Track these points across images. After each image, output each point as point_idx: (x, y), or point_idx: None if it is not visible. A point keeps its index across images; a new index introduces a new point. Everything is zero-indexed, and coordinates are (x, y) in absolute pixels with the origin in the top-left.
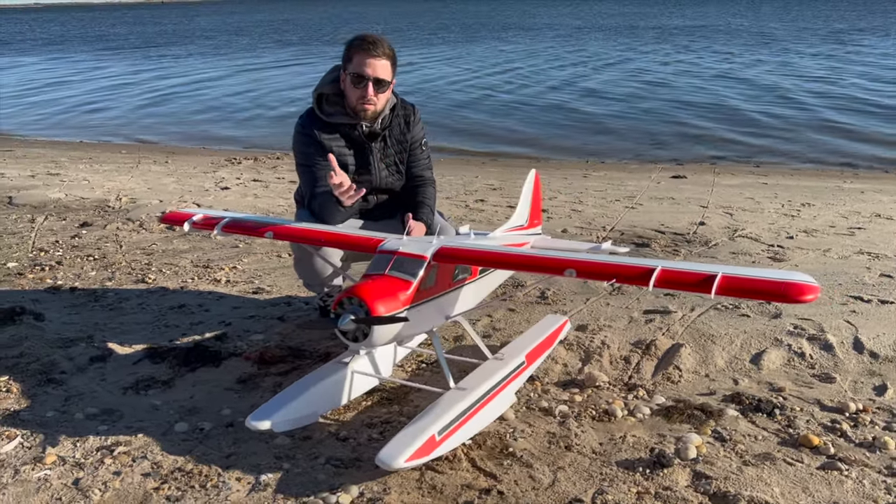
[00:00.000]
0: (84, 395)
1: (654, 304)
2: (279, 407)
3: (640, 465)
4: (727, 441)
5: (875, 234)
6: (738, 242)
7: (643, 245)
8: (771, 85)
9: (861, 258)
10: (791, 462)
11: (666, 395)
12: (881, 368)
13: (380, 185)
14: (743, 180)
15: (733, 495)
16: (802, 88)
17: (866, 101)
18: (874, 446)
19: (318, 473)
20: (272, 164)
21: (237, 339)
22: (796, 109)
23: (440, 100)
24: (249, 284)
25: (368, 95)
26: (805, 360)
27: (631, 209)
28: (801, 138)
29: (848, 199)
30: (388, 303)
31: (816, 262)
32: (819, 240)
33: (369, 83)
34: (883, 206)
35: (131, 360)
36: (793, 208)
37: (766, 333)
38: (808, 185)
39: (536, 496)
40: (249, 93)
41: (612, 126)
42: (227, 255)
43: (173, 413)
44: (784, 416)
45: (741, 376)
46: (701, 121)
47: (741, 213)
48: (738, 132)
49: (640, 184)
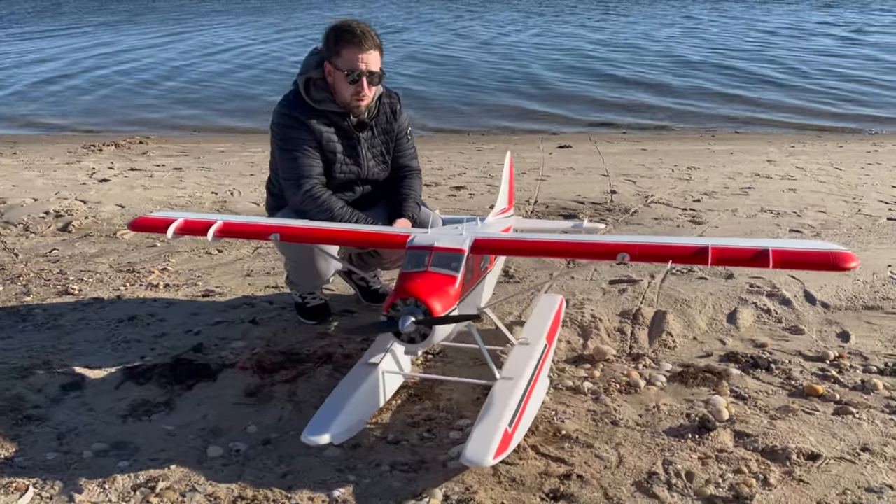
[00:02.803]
0: (79, 430)
1: (616, 275)
2: (331, 418)
3: (687, 431)
4: (747, 399)
5: (765, 192)
6: (654, 209)
7: (571, 216)
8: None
9: (766, 216)
10: (809, 412)
11: (671, 361)
12: (836, 317)
13: (368, 177)
14: (621, 147)
15: (781, 449)
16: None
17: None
18: (867, 388)
19: (390, 481)
20: (140, 150)
21: (218, 350)
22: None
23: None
24: (194, 287)
25: (364, 91)
26: (772, 316)
27: (542, 181)
28: (639, 103)
29: (722, 160)
30: (443, 300)
31: (731, 223)
32: (722, 201)
33: (363, 78)
34: (756, 166)
35: (110, 384)
36: (683, 173)
37: (729, 294)
38: (680, 149)
39: (613, 475)
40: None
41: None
42: (148, 257)
43: (193, 437)
44: (780, 369)
45: (725, 336)
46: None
47: (642, 180)
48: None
49: (534, 155)
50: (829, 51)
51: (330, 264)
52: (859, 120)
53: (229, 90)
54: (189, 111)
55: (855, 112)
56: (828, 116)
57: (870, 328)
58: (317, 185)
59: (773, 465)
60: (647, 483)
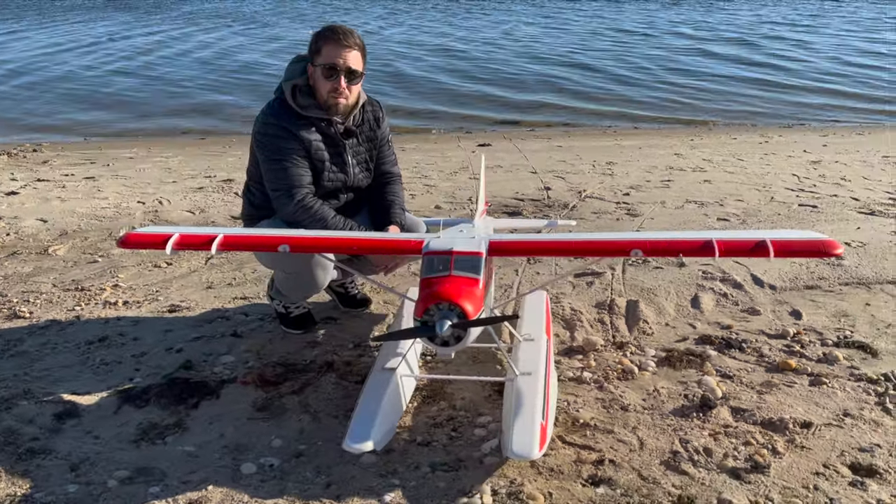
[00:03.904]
0: (92, 459)
1: (578, 269)
2: (369, 425)
3: (690, 410)
4: (733, 377)
5: (684, 184)
6: (589, 203)
7: (515, 213)
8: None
9: (692, 206)
10: (789, 385)
11: (653, 347)
12: (784, 297)
13: (353, 184)
14: (538, 145)
15: (778, 420)
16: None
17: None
18: (830, 360)
19: (434, 482)
20: (39, 160)
21: (209, 366)
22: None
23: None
24: (156, 303)
25: (340, 87)
26: (729, 299)
27: (476, 180)
28: (539, 103)
29: (635, 155)
30: (473, 303)
31: (664, 214)
32: (648, 194)
33: (341, 75)
34: (667, 160)
35: (107, 409)
36: (604, 168)
37: (687, 282)
38: (592, 145)
39: (641, 457)
40: None
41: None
42: (92, 273)
43: (219, 456)
44: (751, 348)
45: (693, 320)
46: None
47: (570, 177)
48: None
49: (458, 154)
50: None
51: (328, 273)
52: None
53: (104, 91)
54: (80, 115)
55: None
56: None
57: (815, 306)
58: (308, 195)
59: (776, 436)
60: (674, 461)
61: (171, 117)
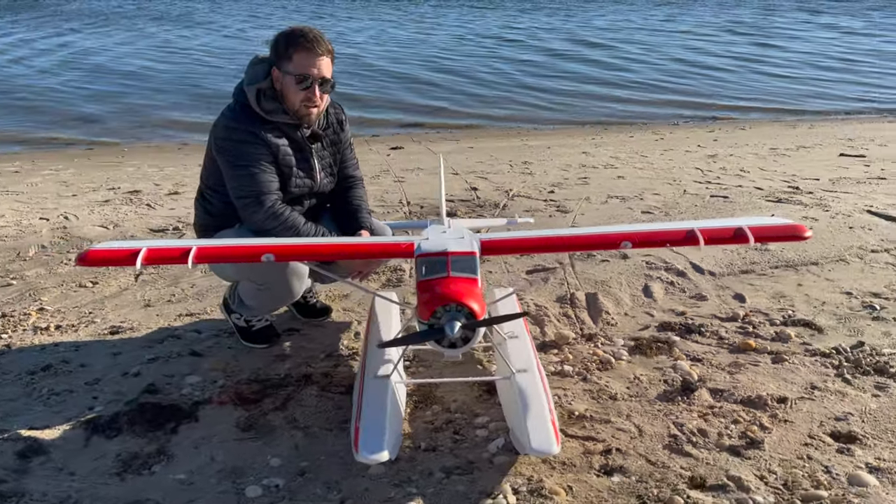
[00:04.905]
0: (74, 498)
1: (529, 266)
2: (380, 435)
3: (674, 395)
4: (702, 360)
5: (601, 180)
6: (519, 202)
7: (450, 214)
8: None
9: (615, 201)
10: (755, 363)
11: (620, 337)
12: (724, 283)
13: (319, 190)
14: (450, 147)
15: (756, 398)
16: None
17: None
18: (783, 338)
19: (453, 486)
20: None
21: (174, 388)
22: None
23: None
24: (93, 325)
25: (315, 97)
26: (677, 287)
27: (401, 182)
28: (438, 107)
29: (546, 154)
30: (478, 302)
31: (592, 209)
32: (571, 191)
33: (315, 84)
34: (577, 158)
35: (75, 442)
36: (522, 168)
37: (635, 272)
38: (502, 146)
39: (644, 444)
40: None
41: None
42: (11, 298)
43: (216, 482)
44: (709, 331)
45: (649, 309)
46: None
47: (492, 177)
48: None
49: (372, 157)
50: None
51: (303, 282)
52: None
53: None
54: None
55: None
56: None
57: (754, 289)
58: (277, 202)
59: (759, 412)
60: (676, 444)
61: (48, 128)
